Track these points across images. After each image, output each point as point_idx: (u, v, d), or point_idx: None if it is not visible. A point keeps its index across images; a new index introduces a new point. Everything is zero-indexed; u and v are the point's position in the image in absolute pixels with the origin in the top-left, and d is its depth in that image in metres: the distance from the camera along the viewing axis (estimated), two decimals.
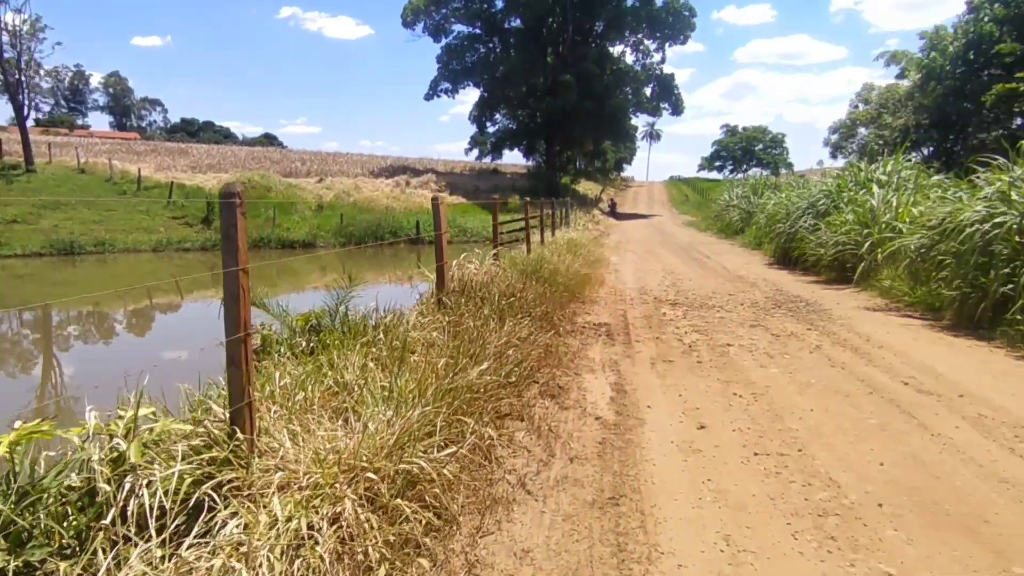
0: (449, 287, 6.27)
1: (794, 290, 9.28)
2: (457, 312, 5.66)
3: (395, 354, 4.20)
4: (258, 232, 26.11)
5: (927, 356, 5.34)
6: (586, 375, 5.18)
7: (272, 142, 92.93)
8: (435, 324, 5.29)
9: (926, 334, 6.27)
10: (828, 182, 12.35)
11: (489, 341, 5.03)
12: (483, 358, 4.65)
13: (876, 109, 26.33)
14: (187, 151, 43.91)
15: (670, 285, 10.04)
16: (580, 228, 21.96)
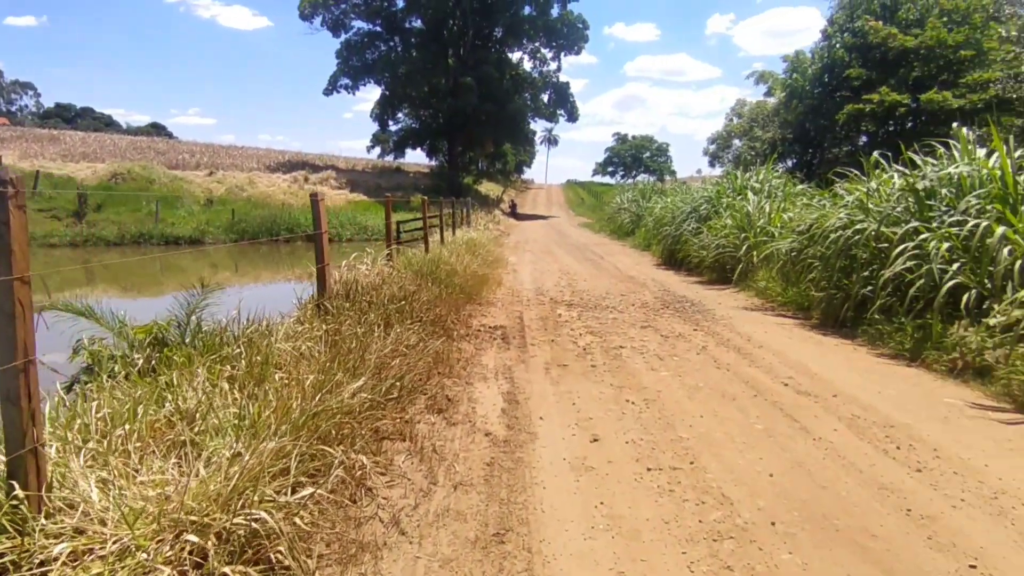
0: (332, 291, 5.78)
1: (680, 290, 9.53)
2: (338, 319, 5.21)
3: (256, 371, 3.71)
4: (138, 227, 23.86)
5: (801, 355, 5.53)
6: (478, 384, 4.90)
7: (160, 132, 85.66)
8: (312, 333, 4.81)
9: (799, 333, 6.55)
10: (708, 188, 12.91)
11: (372, 351, 4.64)
12: (363, 371, 4.26)
13: (748, 123, 28.44)
14: (59, 138, 39.38)
15: (566, 285, 10.01)
16: (481, 228, 21.77)
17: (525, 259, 14.14)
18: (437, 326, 6.28)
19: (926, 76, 19.46)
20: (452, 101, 37.59)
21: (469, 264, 10.72)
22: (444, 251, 11.95)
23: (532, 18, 40.07)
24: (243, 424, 3.03)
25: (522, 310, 7.96)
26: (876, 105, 19.27)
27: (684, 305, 8.20)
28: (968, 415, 3.84)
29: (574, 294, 9.20)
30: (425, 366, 5.03)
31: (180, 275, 19.23)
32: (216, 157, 38.11)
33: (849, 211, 6.70)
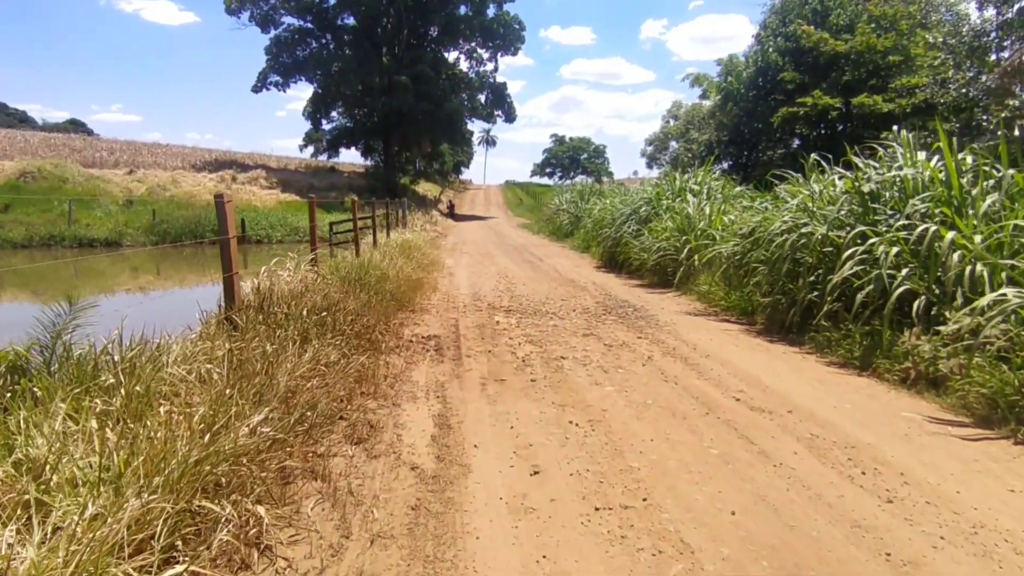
0: (242, 302, 5.15)
1: (621, 295, 9.29)
2: (247, 335, 4.59)
3: (135, 406, 3.11)
4: (48, 229, 21.91)
5: (751, 365, 5.31)
6: (407, 405, 4.41)
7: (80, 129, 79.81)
8: (213, 353, 4.19)
9: (745, 340, 6.36)
10: (648, 190, 12.81)
11: (283, 372, 4.08)
12: (271, 398, 3.70)
13: (684, 125, 28.88)
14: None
15: (504, 290, 9.61)
16: (417, 229, 21.12)
17: (462, 262, 13.66)
18: (363, 338, 5.75)
19: (856, 80, 20.09)
20: (387, 100, 36.58)
21: (402, 268, 10.17)
22: (376, 254, 11.35)
23: (468, 18, 39.56)
24: (105, 476, 2.45)
25: (458, 317, 7.49)
26: (809, 108, 19.73)
27: (627, 311, 7.93)
28: (929, 431, 3.65)
29: (513, 299, 8.80)
30: (346, 387, 4.50)
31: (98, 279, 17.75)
32: (138, 155, 35.73)
33: (793, 214, 6.58)
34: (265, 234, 23.88)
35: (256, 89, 38.36)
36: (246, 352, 4.30)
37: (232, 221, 5.03)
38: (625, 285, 10.26)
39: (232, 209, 5.07)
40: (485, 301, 8.62)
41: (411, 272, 9.91)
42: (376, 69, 37.39)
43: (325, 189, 34.43)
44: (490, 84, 43.91)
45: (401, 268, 10.11)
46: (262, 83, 38.20)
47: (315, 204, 9.19)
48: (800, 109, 19.82)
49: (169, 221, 22.62)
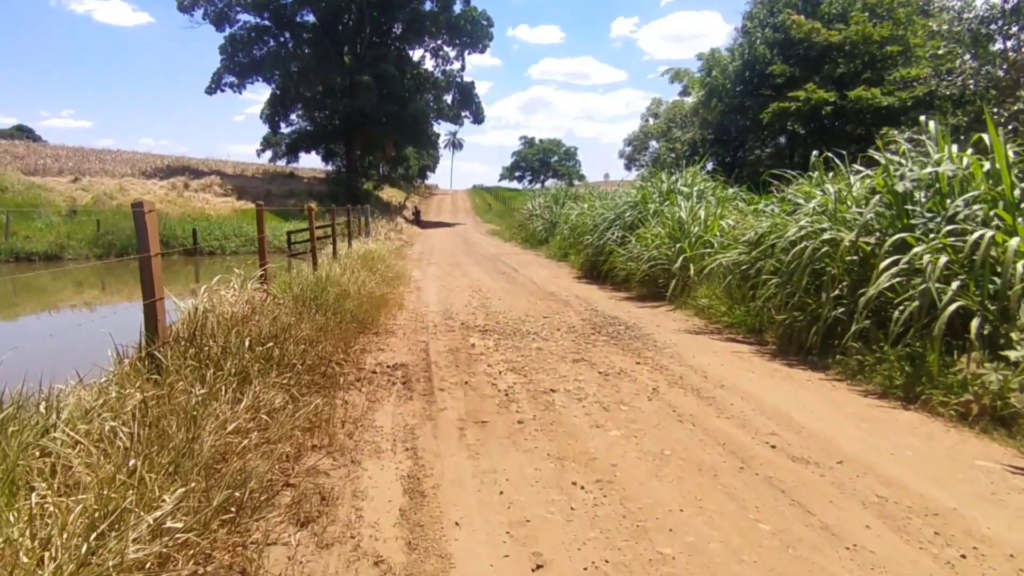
0: (168, 334, 4.23)
1: (609, 310, 8.58)
2: (170, 379, 3.69)
3: None
4: None
5: (776, 398, 4.62)
6: (369, 463, 3.58)
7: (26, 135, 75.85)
8: (123, 406, 3.31)
9: (760, 365, 5.69)
10: (632, 193, 12.15)
11: (212, 429, 3.23)
12: (190, 469, 2.85)
13: (665, 124, 28.21)
14: None
15: (479, 306, 8.80)
16: (381, 238, 20.16)
17: (430, 273, 12.79)
18: (318, 372, 4.88)
19: (850, 73, 19.46)
20: (349, 101, 35.43)
21: (365, 283, 9.29)
22: (336, 267, 10.45)
23: (434, 14, 38.65)
24: None
25: (428, 340, 6.66)
26: (802, 103, 19.01)
27: (618, 329, 7.20)
28: (1017, 487, 2.98)
29: (488, 317, 8.01)
30: (294, 441, 3.65)
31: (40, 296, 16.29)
32: (84, 162, 33.76)
33: (811, 218, 5.93)
34: (219, 245, 22.54)
35: (210, 91, 36.77)
36: (166, 401, 3.43)
37: (154, 235, 4.13)
38: (612, 298, 9.55)
39: (155, 220, 4.17)
40: (457, 319, 7.80)
41: (374, 287, 9.04)
42: (337, 69, 36.20)
43: (283, 196, 33.09)
44: (457, 83, 43.07)
45: (363, 283, 9.24)
46: (216, 84, 36.62)
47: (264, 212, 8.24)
48: (791, 104, 19.15)
49: (115, 232, 21.12)
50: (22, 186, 25.88)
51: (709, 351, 6.16)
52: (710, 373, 5.30)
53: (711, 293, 7.78)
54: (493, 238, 26.27)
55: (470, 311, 8.37)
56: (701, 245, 8.86)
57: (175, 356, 4.05)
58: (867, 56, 19.41)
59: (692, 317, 7.92)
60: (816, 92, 18.81)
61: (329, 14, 36.98)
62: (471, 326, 7.41)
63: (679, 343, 6.52)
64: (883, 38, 18.96)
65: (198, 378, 3.78)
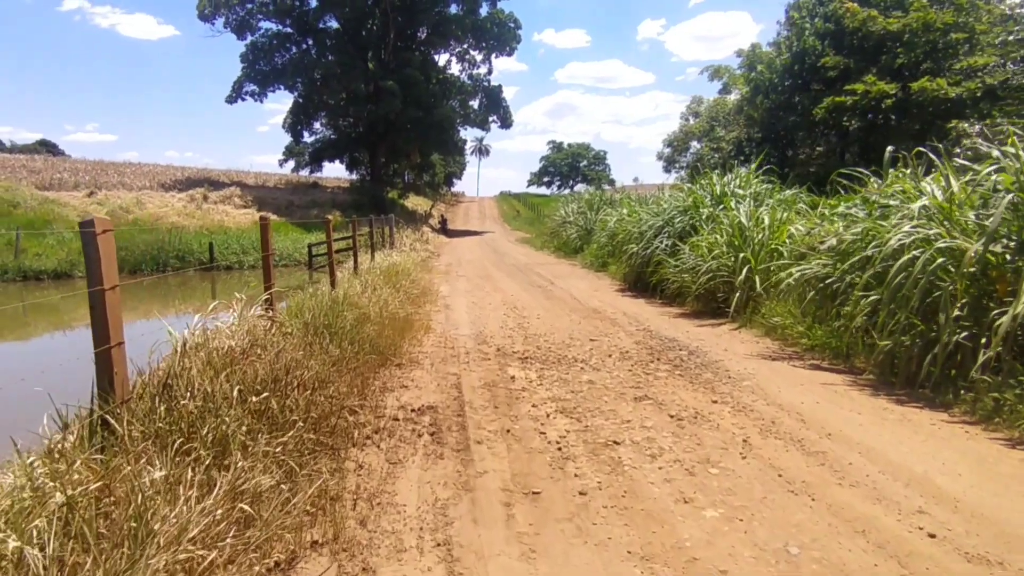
0: (130, 390, 3.31)
1: (665, 329, 7.52)
2: (117, 460, 2.76)
3: None
4: None
5: (903, 453, 3.56)
6: (386, 569, 2.62)
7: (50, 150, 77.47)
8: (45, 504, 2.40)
9: (864, 402, 4.60)
10: (680, 197, 11.05)
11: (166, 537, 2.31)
12: None
13: (707, 122, 26.79)
14: None
15: (515, 326, 7.81)
16: (406, 249, 19.34)
17: (459, 288, 11.85)
18: (326, 426, 3.94)
19: (909, 64, 18.02)
20: (373, 108, 34.83)
21: (388, 302, 8.39)
22: (356, 284, 9.57)
23: (459, 17, 37.88)
24: None
25: (459, 372, 5.69)
26: (859, 97, 17.57)
27: (681, 355, 6.15)
28: None
29: (528, 340, 7.01)
30: (284, 543, 2.70)
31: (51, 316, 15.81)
32: (102, 175, 33.67)
33: (917, 223, 4.84)
34: (236, 259, 21.96)
35: (231, 100, 36.54)
36: (109, 492, 2.52)
37: (111, 262, 3.22)
38: (664, 315, 8.49)
39: (111, 243, 3.25)
40: (492, 344, 6.82)
41: (398, 307, 8.13)
42: (361, 75, 35.67)
43: (306, 206, 32.55)
44: (484, 87, 42.25)
45: (386, 302, 8.34)
46: (237, 93, 36.36)
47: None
48: (848, 98, 17.77)
49: (128, 247, 20.61)
50: (35, 201, 25.63)
51: (795, 383, 5.09)
52: (807, 415, 4.24)
53: (784, 310, 6.69)
54: (523, 246, 25.29)
55: (506, 333, 7.38)
56: (767, 255, 7.76)
57: (139, 418, 3.15)
58: (928, 45, 17.86)
59: (762, 338, 6.83)
60: (876, 84, 17.30)
61: (353, 20, 36.48)
62: (508, 352, 6.42)
63: (757, 372, 5.46)
64: (946, 25, 17.43)
65: (159, 455, 2.86)
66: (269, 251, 5.95)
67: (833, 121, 19.35)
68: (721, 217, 9.21)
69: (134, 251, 20.47)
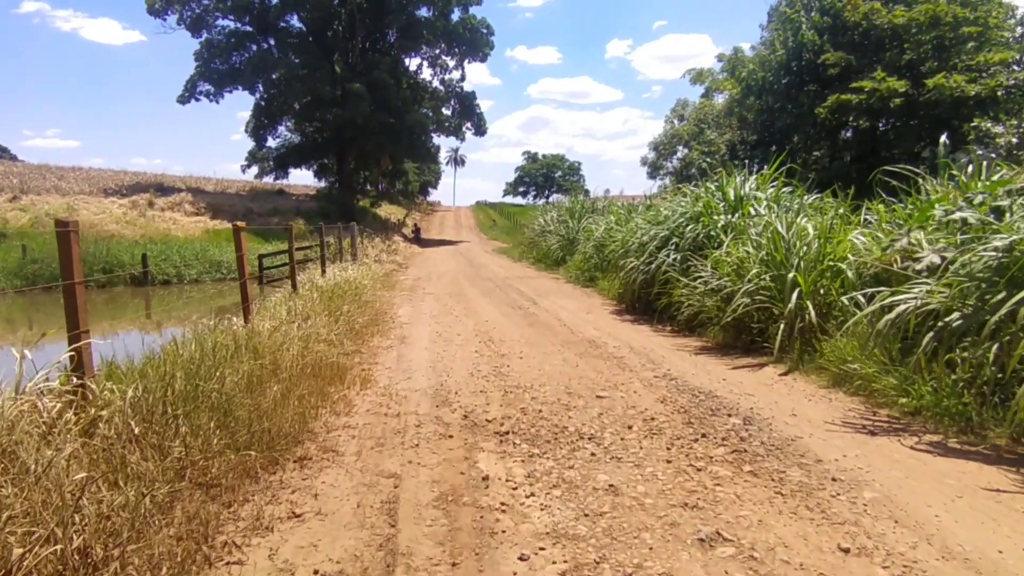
0: None
1: (692, 374, 5.45)
2: None
3: None
4: None
5: None
6: None
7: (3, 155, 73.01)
8: None
9: None
10: (685, 202, 9.04)
11: None
12: None
13: (696, 125, 24.92)
14: None
15: (491, 372, 5.68)
16: (369, 261, 17.11)
17: (423, 310, 9.66)
18: None
19: (916, 60, 16.32)
20: (340, 111, 32.51)
21: (318, 336, 6.24)
22: (283, 311, 7.37)
23: (430, 21, 35.81)
24: None
25: (400, 472, 3.52)
26: (867, 95, 15.81)
27: (733, 425, 4.07)
28: None
29: (508, 396, 4.88)
30: None
31: None
32: (34, 179, 30.72)
33: None
34: (175, 272, 19.43)
35: (183, 100, 33.80)
36: None
37: None
38: (682, 350, 6.41)
39: None
40: (458, 405, 4.67)
41: (331, 345, 5.96)
42: (327, 77, 33.32)
43: (267, 214, 30.05)
44: (457, 93, 40.21)
45: (315, 337, 6.18)
46: (190, 92, 33.65)
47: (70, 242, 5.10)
48: (854, 97, 16.06)
49: (44, 259, 18.01)
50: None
51: (942, 489, 3.14)
52: None
53: (857, 350, 4.70)
54: (500, 257, 23.15)
55: (478, 384, 5.24)
56: (821, 275, 5.78)
57: None
58: (935, 40, 16.32)
59: (831, 390, 4.83)
60: (886, 81, 15.64)
61: (318, 20, 34.17)
62: (480, 422, 4.29)
63: (869, 466, 3.45)
64: (957, 18, 15.93)
65: None
66: (76, 276, 3.70)
67: (838, 120, 17.59)
68: (745, 226, 7.25)
69: (52, 263, 17.85)
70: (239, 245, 6.88)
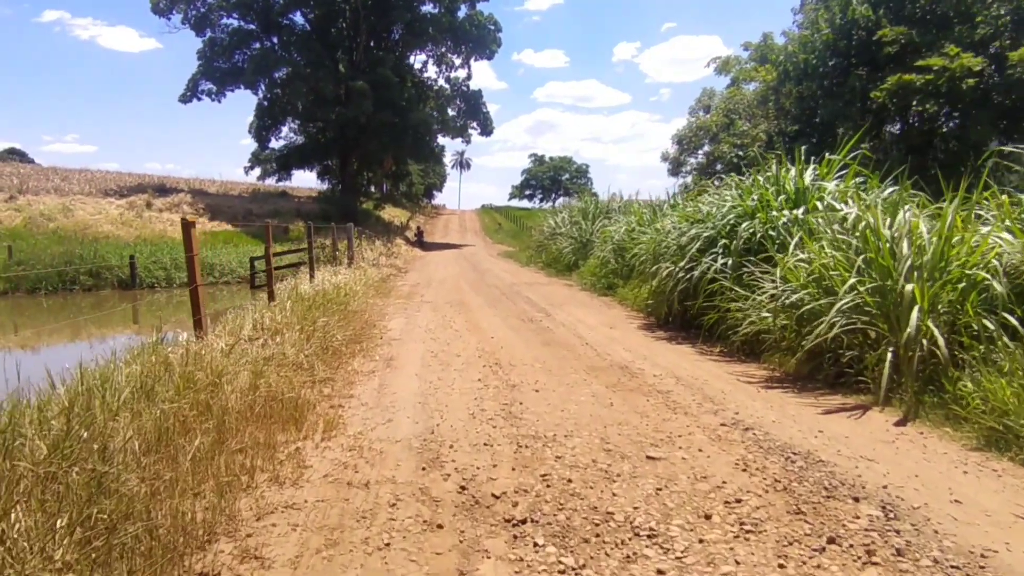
0: None
1: (774, 425, 4.08)
2: None
3: None
4: None
5: None
6: None
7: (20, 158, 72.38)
8: None
9: None
10: (731, 196, 7.67)
11: None
12: None
13: (725, 116, 23.17)
14: None
15: (498, 413, 4.33)
16: (365, 265, 15.81)
17: (418, 323, 8.33)
18: None
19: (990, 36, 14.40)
20: (342, 110, 31.31)
21: (282, 361, 4.95)
22: (247, 326, 6.08)
23: (436, 17, 34.60)
24: None
25: None
26: (934, 75, 13.91)
27: (872, 522, 2.69)
28: None
29: (522, 453, 3.53)
30: None
31: None
32: (35, 180, 29.73)
33: None
34: (164, 275, 18.27)
35: (185, 99, 32.73)
36: None
37: None
38: (744, 382, 5.04)
39: None
40: (450, 470, 3.33)
41: (298, 368, 4.65)
42: (330, 75, 32.17)
43: (266, 216, 28.81)
44: (462, 92, 38.94)
45: (280, 359, 4.89)
46: (192, 92, 32.58)
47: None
48: (918, 77, 14.35)
49: (30, 261, 16.90)
50: None
51: None
52: None
53: None
54: (507, 262, 21.81)
55: (481, 431, 3.90)
56: (944, 286, 4.41)
57: None
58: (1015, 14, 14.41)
59: (985, 453, 3.47)
60: (960, 57, 13.74)
61: (322, 17, 33.06)
62: (483, 499, 2.96)
63: None
64: None
65: None
66: None
67: (899, 105, 15.77)
68: (816, 223, 5.89)
69: (40, 264, 16.73)
70: (188, 244, 5.61)
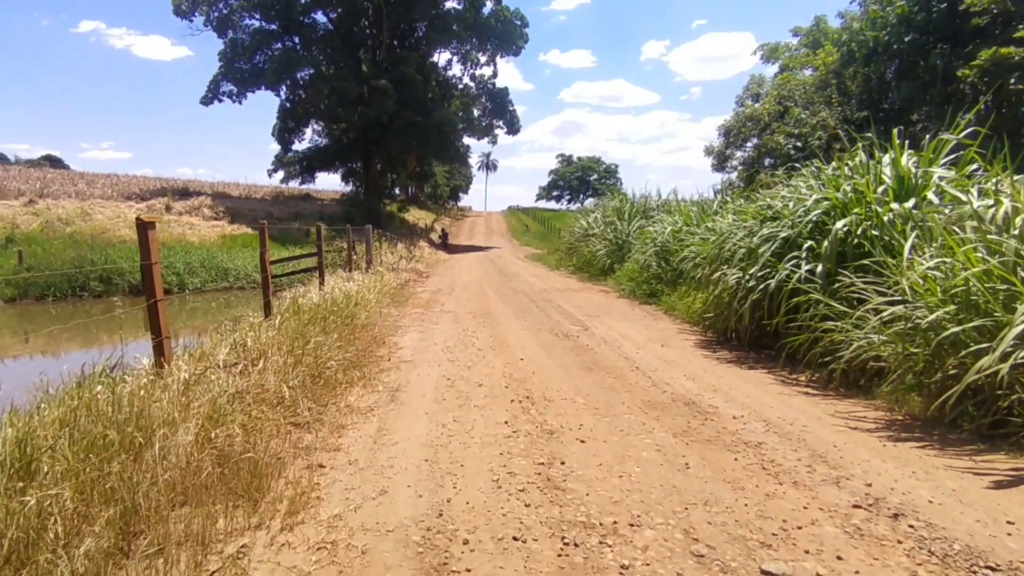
0: None
1: (939, 511, 2.82)
2: None
3: None
4: None
5: None
6: None
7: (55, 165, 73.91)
8: None
9: None
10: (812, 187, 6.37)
11: None
12: None
13: (778, 104, 21.28)
14: None
15: (532, 480, 3.18)
16: (383, 269, 14.79)
17: (435, 339, 7.20)
18: None
19: None
20: (365, 110, 30.51)
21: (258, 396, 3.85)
22: (222, 349, 5.02)
23: (461, 13, 33.66)
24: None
25: None
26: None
27: None
28: None
29: (567, 555, 2.36)
30: None
31: None
32: (59, 184, 29.49)
33: None
34: (178, 280, 17.51)
35: (207, 100, 32.28)
36: None
37: None
38: (861, 431, 3.77)
39: None
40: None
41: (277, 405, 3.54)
42: (353, 75, 31.44)
43: (287, 219, 28.20)
44: (488, 90, 37.91)
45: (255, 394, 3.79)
46: (213, 93, 32.10)
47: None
48: (1016, 51, 12.73)
49: (41, 267, 16.28)
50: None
51: None
52: None
53: None
54: (535, 265, 20.62)
55: (507, 512, 2.75)
56: None
57: None
58: None
59: None
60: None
61: (344, 15, 32.42)
62: None
63: None
64: None
65: None
66: None
67: (989, 83, 14.00)
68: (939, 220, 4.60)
69: (45, 270, 16.08)
70: (145, 250, 4.55)
